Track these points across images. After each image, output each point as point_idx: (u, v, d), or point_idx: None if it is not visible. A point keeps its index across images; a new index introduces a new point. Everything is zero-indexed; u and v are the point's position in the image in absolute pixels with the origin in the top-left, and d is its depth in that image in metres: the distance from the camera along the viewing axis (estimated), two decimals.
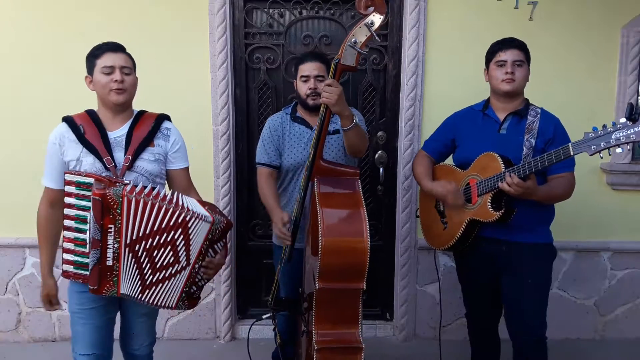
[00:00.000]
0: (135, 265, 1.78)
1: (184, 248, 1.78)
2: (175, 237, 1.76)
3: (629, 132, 1.73)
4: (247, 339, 2.49)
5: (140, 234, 1.75)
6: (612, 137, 1.75)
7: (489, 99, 2.26)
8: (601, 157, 1.83)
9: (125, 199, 1.71)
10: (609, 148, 1.77)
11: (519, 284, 2.13)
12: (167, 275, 1.80)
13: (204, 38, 2.91)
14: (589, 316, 3.21)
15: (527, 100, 2.21)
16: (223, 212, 3.02)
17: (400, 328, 3.18)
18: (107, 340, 1.98)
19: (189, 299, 1.87)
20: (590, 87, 2.99)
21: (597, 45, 2.96)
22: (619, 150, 1.77)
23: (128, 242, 1.75)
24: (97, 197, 1.70)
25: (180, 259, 1.79)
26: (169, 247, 1.77)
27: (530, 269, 2.13)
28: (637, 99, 3.01)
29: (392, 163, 3.12)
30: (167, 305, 1.84)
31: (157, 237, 1.75)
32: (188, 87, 2.95)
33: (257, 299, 3.27)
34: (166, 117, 2.01)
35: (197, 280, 1.86)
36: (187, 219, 1.74)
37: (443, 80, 2.97)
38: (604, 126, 1.79)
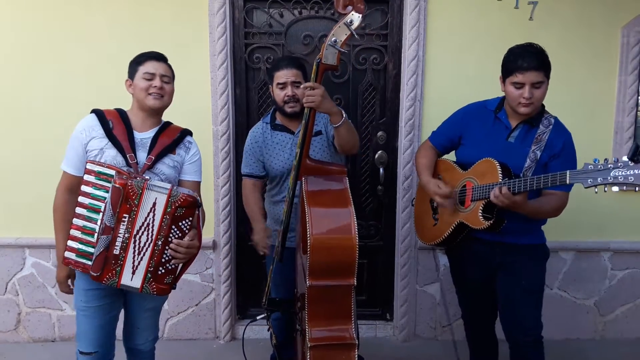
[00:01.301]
0: (134, 256, 1.80)
1: (152, 223, 1.79)
2: (147, 215, 1.77)
3: (628, 172, 1.67)
4: (242, 339, 2.49)
5: (141, 223, 1.78)
6: (611, 174, 1.70)
7: (503, 99, 2.16)
8: (596, 192, 1.78)
9: (145, 191, 1.75)
10: (605, 185, 1.72)
11: (513, 285, 2.13)
12: (143, 256, 1.80)
13: (204, 38, 2.91)
14: (589, 316, 3.21)
15: (542, 106, 2.11)
16: (222, 212, 3.04)
17: (400, 328, 3.18)
18: (109, 339, 2.00)
19: (157, 281, 1.82)
20: (590, 87, 2.99)
21: (598, 45, 2.96)
22: (615, 188, 1.72)
23: (135, 233, 1.78)
24: (118, 186, 1.73)
25: (149, 236, 1.79)
26: (148, 228, 1.79)
27: (524, 270, 2.12)
28: (638, 99, 3.01)
29: (392, 163, 3.12)
30: (132, 286, 1.81)
31: (146, 221, 1.78)
32: (188, 87, 2.92)
33: (257, 299, 3.25)
34: (189, 132, 2.09)
35: (163, 260, 1.81)
36: (144, 190, 1.75)
37: (443, 80, 2.97)
38: (605, 160, 1.73)
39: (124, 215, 1.75)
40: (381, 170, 3.10)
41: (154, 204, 1.77)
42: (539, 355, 2.14)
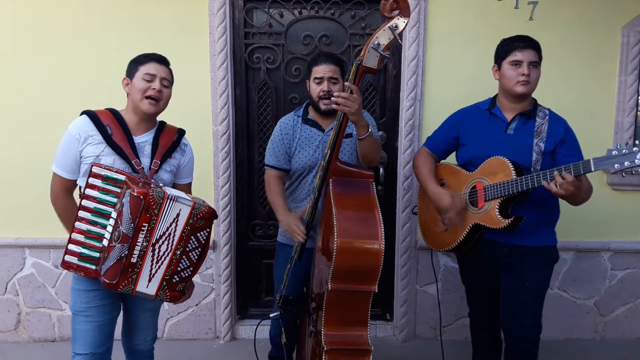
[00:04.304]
0: (152, 263, 1.79)
1: (173, 234, 1.79)
2: (170, 226, 1.78)
3: None
4: (254, 337, 2.44)
5: (162, 233, 1.77)
6: (637, 157, 1.69)
7: (495, 97, 2.20)
8: (623, 176, 1.76)
9: (166, 201, 1.73)
10: (632, 168, 1.71)
11: (516, 285, 2.12)
12: (161, 265, 1.80)
13: (204, 38, 2.91)
14: (589, 316, 3.21)
15: (534, 100, 2.15)
16: (222, 212, 3.04)
17: (401, 328, 3.18)
18: (108, 339, 1.98)
19: (170, 289, 1.84)
20: (590, 87, 2.99)
21: (597, 45, 2.96)
22: None
23: (154, 241, 1.77)
24: (139, 195, 1.71)
25: (169, 246, 1.79)
26: (169, 238, 1.79)
27: (530, 271, 2.11)
28: (638, 99, 3.01)
29: (392, 163, 3.12)
30: (147, 294, 1.82)
31: (168, 231, 1.78)
32: (188, 87, 2.93)
33: (257, 299, 3.27)
34: (184, 132, 2.07)
35: (179, 269, 1.83)
36: (164, 200, 1.74)
37: (443, 80, 2.97)
38: (627, 144, 1.74)
39: (144, 224, 1.73)
40: (381, 170, 3.10)
41: (178, 215, 1.77)
42: (532, 356, 2.15)
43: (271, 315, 2.32)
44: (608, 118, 3.03)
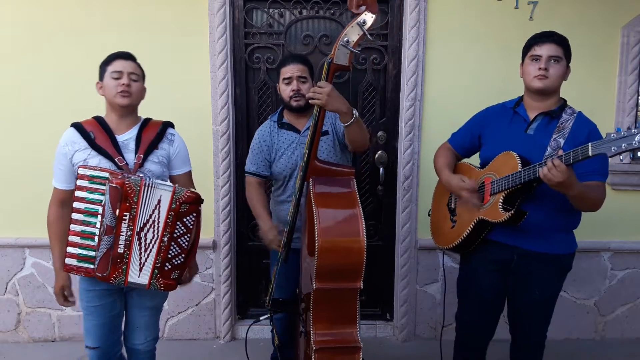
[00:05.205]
0: (139, 252, 1.83)
1: (157, 220, 1.83)
2: (152, 213, 1.82)
3: None
4: (245, 339, 2.48)
5: (145, 220, 1.82)
6: (635, 139, 1.61)
7: (523, 96, 2.13)
8: (621, 160, 1.71)
9: (144, 188, 1.78)
10: (630, 150, 1.64)
11: (526, 292, 2.07)
12: (149, 253, 1.84)
13: (204, 38, 2.91)
14: (589, 316, 3.21)
15: (563, 100, 2.06)
16: (222, 212, 3.04)
17: (401, 328, 3.18)
18: (112, 336, 2.06)
19: (164, 277, 1.86)
20: (590, 87, 2.99)
21: (598, 45, 2.96)
22: None
23: (138, 230, 1.81)
24: (116, 185, 1.76)
25: (155, 233, 1.83)
26: (154, 225, 1.83)
27: (540, 280, 2.05)
28: (638, 99, 3.01)
29: (392, 163, 3.12)
30: (139, 283, 1.86)
31: (151, 219, 1.83)
32: (188, 87, 2.95)
33: (257, 299, 3.27)
34: (170, 124, 2.10)
35: (169, 256, 1.86)
36: (141, 188, 1.79)
37: (443, 80, 2.97)
38: (629, 128, 1.66)
39: (125, 213, 1.79)
40: (381, 170, 3.10)
41: (159, 201, 1.81)
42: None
43: (261, 318, 2.32)
44: (608, 118, 3.03)
